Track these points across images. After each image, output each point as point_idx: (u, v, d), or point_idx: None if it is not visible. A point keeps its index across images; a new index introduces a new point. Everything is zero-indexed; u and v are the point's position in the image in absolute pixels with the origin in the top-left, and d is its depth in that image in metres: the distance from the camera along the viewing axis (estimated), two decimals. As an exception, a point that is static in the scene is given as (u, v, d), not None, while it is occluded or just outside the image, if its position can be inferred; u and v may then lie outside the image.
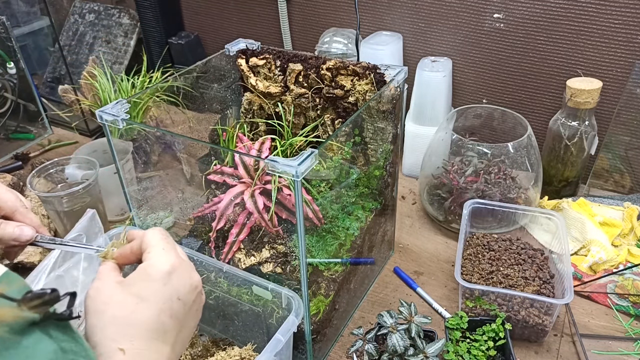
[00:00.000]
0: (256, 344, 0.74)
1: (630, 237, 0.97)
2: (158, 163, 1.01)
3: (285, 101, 0.86)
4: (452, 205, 1.01)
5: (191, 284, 0.46)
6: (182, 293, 0.45)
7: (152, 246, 0.47)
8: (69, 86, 1.32)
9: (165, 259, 0.45)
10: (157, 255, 0.46)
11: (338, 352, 0.81)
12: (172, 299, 0.44)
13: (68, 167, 1.02)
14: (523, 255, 0.90)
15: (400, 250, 1.01)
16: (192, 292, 0.46)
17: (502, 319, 0.77)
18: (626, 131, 1.04)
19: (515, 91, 1.17)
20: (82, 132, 1.44)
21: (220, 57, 0.90)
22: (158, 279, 0.44)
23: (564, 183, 1.08)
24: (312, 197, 0.76)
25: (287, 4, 1.36)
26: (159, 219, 0.89)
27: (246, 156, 0.79)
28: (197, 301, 0.47)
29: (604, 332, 0.82)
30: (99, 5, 1.61)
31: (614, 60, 1.03)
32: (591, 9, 1.01)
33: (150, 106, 1.03)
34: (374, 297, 0.91)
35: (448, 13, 1.16)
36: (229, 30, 1.54)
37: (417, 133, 1.16)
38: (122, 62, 1.55)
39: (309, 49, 1.38)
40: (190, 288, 0.46)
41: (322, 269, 0.77)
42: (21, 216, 0.54)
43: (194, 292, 0.46)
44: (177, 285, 0.45)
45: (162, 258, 0.45)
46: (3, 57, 1.29)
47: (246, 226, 0.76)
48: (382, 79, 0.78)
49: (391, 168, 0.87)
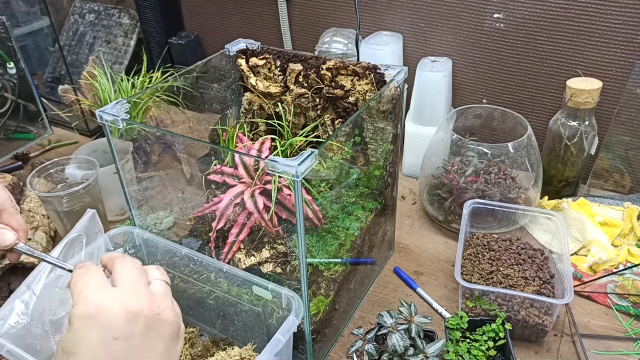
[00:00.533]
0: (256, 344, 0.74)
1: (630, 237, 0.97)
2: (158, 163, 1.01)
3: (285, 101, 0.86)
4: (452, 205, 1.01)
5: (127, 312, 0.39)
6: (115, 329, 0.38)
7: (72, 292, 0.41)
8: (69, 86, 1.32)
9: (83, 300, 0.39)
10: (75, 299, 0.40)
11: (338, 352, 0.81)
12: (105, 340, 0.38)
13: (68, 167, 1.02)
14: (523, 255, 0.90)
15: (400, 250, 1.01)
16: (131, 321, 0.39)
17: (502, 319, 0.77)
18: (626, 131, 1.04)
19: (515, 91, 1.17)
20: (82, 132, 1.44)
21: (220, 57, 0.90)
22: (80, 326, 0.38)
23: (564, 183, 1.08)
24: (312, 197, 0.76)
25: (287, 4, 1.36)
26: (159, 219, 0.89)
27: (246, 156, 0.79)
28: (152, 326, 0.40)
29: (604, 332, 0.82)
30: (99, 5, 1.61)
31: (614, 60, 1.03)
32: (591, 9, 1.01)
33: (150, 106, 1.03)
34: (374, 297, 0.91)
35: (448, 13, 1.16)
36: (229, 30, 1.54)
37: (417, 133, 1.16)
38: (122, 62, 1.55)
39: (309, 49, 1.38)
40: (127, 318, 0.39)
41: (322, 269, 0.77)
42: (9, 216, 0.51)
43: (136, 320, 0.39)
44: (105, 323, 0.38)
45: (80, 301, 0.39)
46: (3, 57, 1.29)
47: (246, 226, 0.76)
48: (382, 79, 0.78)
49: (391, 168, 0.87)
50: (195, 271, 0.75)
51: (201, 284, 0.75)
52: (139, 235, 0.81)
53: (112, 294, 0.40)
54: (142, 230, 0.81)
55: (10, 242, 0.50)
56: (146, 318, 0.39)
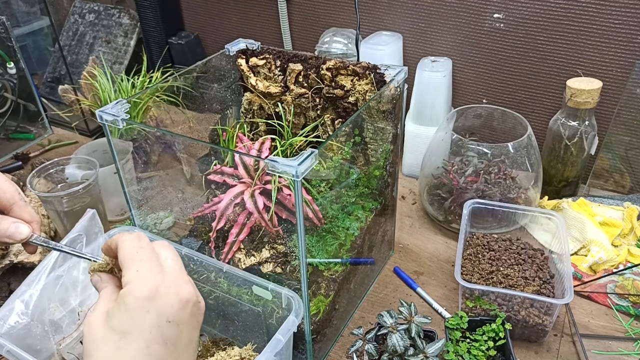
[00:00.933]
0: (256, 344, 0.74)
1: (630, 237, 0.97)
2: (158, 163, 1.01)
3: (285, 101, 0.86)
4: (452, 205, 1.01)
5: (180, 299, 0.41)
6: (170, 314, 0.40)
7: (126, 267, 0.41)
8: (69, 86, 1.32)
9: (141, 281, 0.40)
10: (132, 279, 0.40)
11: (338, 352, 0.81)
12: (160, 323, 0.39)
13: (68, 167, 1.02)
14: (523, 255, 0.90)
15: (400, 250, 1.01)
16: (183, 308, 0.41)
17: (502, 319, 0.77)
18: (626, 131, 1.04)
19: (515, 91, 1.17)
20: (82, 132, 1.44)
21: (220, 57, 0.90)
22: (138, 307, 0.39)
23: (564, 183, 1.08)
24: (312, 197, 0.76)
25: (287, 4, 1.36)
26: (159, 219, 0.89)
27: (246, 156, 0.79)
28: (195, 314, 0.42)
29: (604, 332, 0.82)
30: (99, 5, 1.61)
31: (614, 60, 1.03)
32: (591, 9, 1.01)
33: (150, 106, 1.03)
34: (374, 297, 0.91)
35: (448, 13, 1.16)
36: (229, 30, 1.54)
37: (417, 133, 1.16)
38: (122, 62, 1.55)
39: (309, 49, 1.38)
40: (180, 305, 0.41)
41: (322, 269, 0.77)
42: (19, 209, 0.50)
43: (187, 306, 0.41)
44: (162, 307, 0.39)
45: (138, 281, 0.40)
46: (3, 57, 1.29)
47: (246, 226, 0.76)
48: (382, 79, 0.78)
49: (391, 168, 0.87)
50: (195, 271, 0.75)
51: (201, 284, 0.75)
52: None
53: (168, 279, 0.41)
54: (142, 230, 0.81)
55: (26, 235, 0.49)
56: (192, 305, 0.42)
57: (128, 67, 1.53)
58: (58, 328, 0.71)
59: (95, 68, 1.23)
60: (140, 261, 0.41)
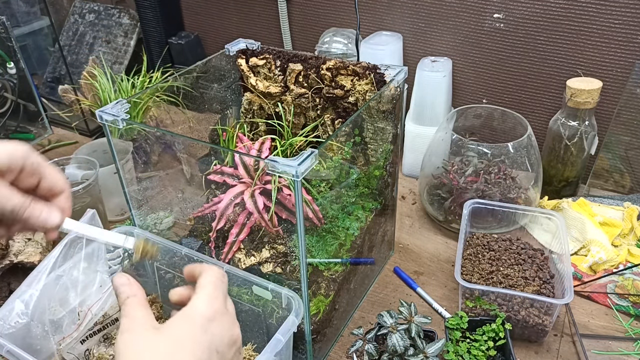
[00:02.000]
0: (256, 344, 0.74)
1: (630, 237, 0.97)
2: (158, 163, 1.01)
3: (285, 101, 0.86)
4: (452, 205, 1.01)
5: (231, 336, 0.42)
6: (220, 345, 0.41)
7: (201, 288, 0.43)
8: (69, 86, 1.32)
9: (208, 303, 0.42)
10: (201, 298, 0.42)
11: (338, 352, 0.81)
12: (211, 349, 0.40)
13: (68, 167, 1.02)
14: (523, 255, 0.90)
15: (400, 250, 1.01)
16: (231, 346, 0.42)
17: (502, 319, 0.77)
18: (626, 131, 1.04)
19: (515, 91, 1.17)
20: (82, 132, 1.44)
21: (220, 57, 0.90)
22: (198, 324, 0.40)
23: (564, 183, 1.08)
24: (312, 197, 0.76)
25: (287, 4, 1.36)
26: (159, 219, 0.89)
27: (246, 156, 0.79)
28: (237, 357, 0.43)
29: (604, 332, 0.82)
30: (99, 5, 1.61)
31: (614, 60, 1.03)
32: (591, 9, 1.01)
33: (150, 106, 1.03)
34: (374, 297, 0.91)
35: (448, 13, 1.16)
36: (229, 30, 1.54)
37: (417, 133, 1.16)
38: (122, 62, 1.55)
39: (309, 49, 1.38)
40: (230, 341, 0.42)
41: (322, 269, 0.77)
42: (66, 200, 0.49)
43: (234, 346, 0.43)
44: (216, 334, 0.41)
45: (205, 302, 0.42)
46: (3, 57, 1.29)
47: (246, 226, 0.76)
48: (382, 79, 0.78)
49: (391, 168, 0.87)
50: (195, 271, 0.75)
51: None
52: (139, 235, 0.81)
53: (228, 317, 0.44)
54: (142, 230, 0.81)
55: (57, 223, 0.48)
56: (237, 348, 0.44)
57: (128, 67, 1.53)
58: (58, 328, 0.71)
59: (95, 68, 1.23)
60: (215, 289, 0.44)
